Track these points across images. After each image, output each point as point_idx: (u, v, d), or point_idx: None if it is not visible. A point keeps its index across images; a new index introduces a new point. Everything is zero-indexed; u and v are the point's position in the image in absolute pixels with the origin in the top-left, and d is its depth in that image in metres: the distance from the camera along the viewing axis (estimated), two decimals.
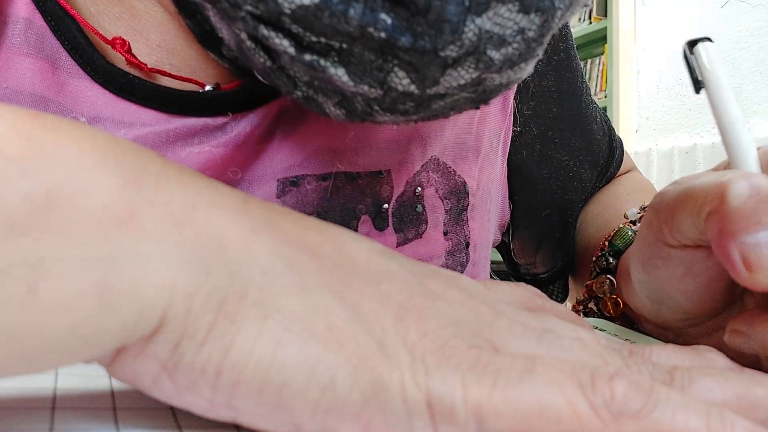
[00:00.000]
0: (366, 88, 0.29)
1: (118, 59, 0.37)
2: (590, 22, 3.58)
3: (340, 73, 0.28)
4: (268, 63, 0.30)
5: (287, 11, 0.26)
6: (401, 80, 0.28)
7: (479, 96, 0.31)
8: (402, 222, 0.43)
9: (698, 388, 0.21)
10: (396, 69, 0.28)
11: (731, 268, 0.25)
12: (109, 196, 0.18)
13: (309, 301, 0.19)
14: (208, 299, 0.18)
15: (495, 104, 0.47)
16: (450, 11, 0.26)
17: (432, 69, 0.28)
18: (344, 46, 0.28)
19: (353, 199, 0.41)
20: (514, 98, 0.48)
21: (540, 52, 0.30)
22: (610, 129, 0.57)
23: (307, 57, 0.28)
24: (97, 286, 0.17)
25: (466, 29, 0.26)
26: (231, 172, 0.38)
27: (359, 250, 0.22)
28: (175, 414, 0.21)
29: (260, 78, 0.33)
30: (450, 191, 0.44)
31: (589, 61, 3.80)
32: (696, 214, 0.27)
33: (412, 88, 0.29)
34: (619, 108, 3.34)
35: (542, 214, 0.52)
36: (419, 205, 0.43)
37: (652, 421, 0.18)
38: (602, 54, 3.64)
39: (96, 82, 0.36)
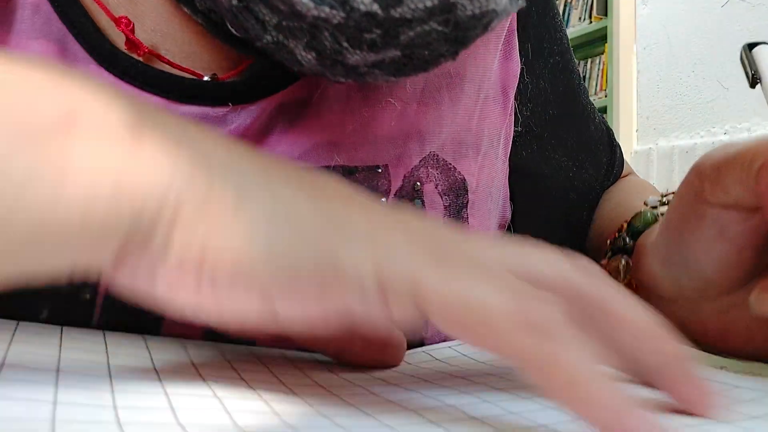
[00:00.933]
0: (327, 9, 0.29)
1: (120, 44, 0.37)
2: (590, 22, 3.58)
3: None
4: (234, 1, 0.31)
5: None
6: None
7: (452, 32, 0.31)
8: None
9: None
10: None
11: None
12: (120, 118, 0.22)
13: (277, 197, 0.23)
14: (194, 200, 0.22)
15: (495, 103, 0.47)
16: None
17: None
18: None
19: None
20: (515, 99, 0.48)
21: None
22: (608, 130, 0.57)
23: None
24: (112, 182, 0.21)
25: None
26: None
27: (329, 180, 0.25)
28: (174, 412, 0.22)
29: (230, 27, 0.33)
30: (449, 187, 0.45)
31: (589, 60, 3.80)
32: (746, 169, 0.28)
33: (375, 7, 0.29)
34: (619, 108, 3.33)
35: (543, 214, 0.53)
36: (418, 200, 0.43)
37: (554, 349, 0.20)
38: (602, 54, 3.64)
39: (101, 66, 0.37)
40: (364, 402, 0.25)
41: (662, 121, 2.64)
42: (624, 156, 0.58)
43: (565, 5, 3.88)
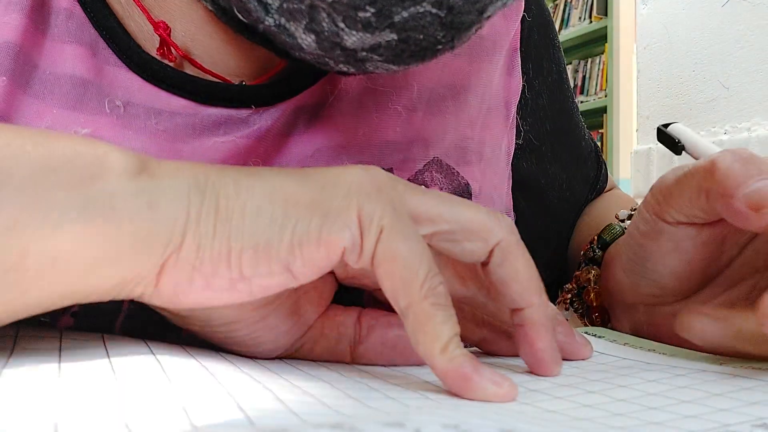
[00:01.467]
0: None
1: (149, 49, 0.39)
2: (590, 21, 3.58)
3: None
4: None
5: None
6: None
7: (447, 16, 0.32)
8: None
9: None
10: None
11: (742, 219, 0.30)
12: (126, 162, 0.26)
13: (268, 185, 0.28)
14: (208, 210, 0.27)
15: (497, 116, 0.49)
16: None
17: None
18: None
19: None
20: (516, 113, 0.51)
21: None
22: (596, 146, 0.61)
23: None
24: (145, 206, 0.26)
25: None
26: (252, 161, 0.40)
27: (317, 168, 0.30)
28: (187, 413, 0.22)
29: (236, 12, 0.35)
30: (453, 191, 0.46)
31: (589, 60, 3.80)
32: (694, 191, 0.32)
33: None
34: (619, 108, 3.33)
35: (541, 224, 0.55)
36: None
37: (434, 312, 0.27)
38: (602, 53, 3.64)
39: (131, 69, 0.39)
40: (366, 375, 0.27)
41: (662, 121, 2.63)
42: (623, 157, 0.61)
43: (565, 5, 3.88)
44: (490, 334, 0.35)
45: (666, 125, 0.41)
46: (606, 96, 3.47)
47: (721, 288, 0.36)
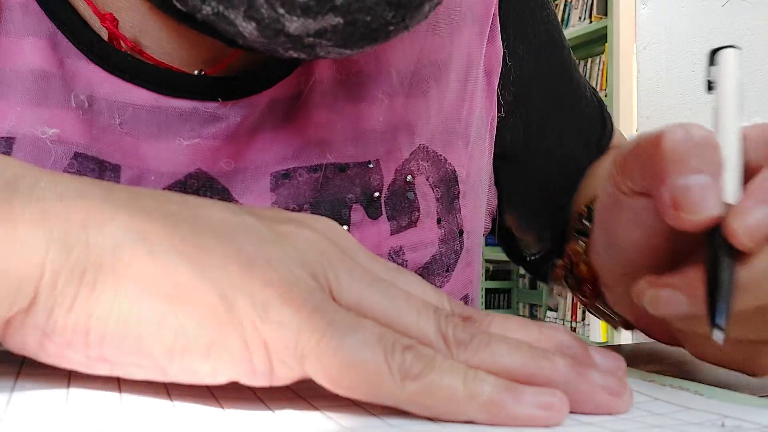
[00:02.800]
0: None
1: (105, 39, 0.38)
2: (590, 21, 3.57)
3: None
4: None
5: None
6: None
7: None
8: (395, 210, 0.43)
9: (491, 352, 0.24)
10: None
11: (660, 207, 0.27)
12: None
13: (157, 265, 0.22)
14: (71, 273, 0.22)
15: (480, 91, 0.47)
16: None
17: None
18: None
19: (343, 190, 0.42)
20: (498, 85, 0.48)
21: None
22: (600, 102, 0.56)
23: None
24: None
25: None
26: (224, 163, 0.39)
27: (213, 211, 0.25)
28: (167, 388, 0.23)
29: (174, 1, 0.33)
30: (440, 179, 0.45)
31: (589, 60, 3.79)
32: (644, 161, 0.29)
33: None
34: (619, 108, 3.33)
35: (527, 197, 0.53)
36: (410, 193, 0.44)
37: (428, 381, 0.22)
38: (602, 54, 3.63)
39: (92, 61, 0.37)
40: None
41: (662, 121, 2.63)
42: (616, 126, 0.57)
43: (565, 5, 3.88)
44: None
45: (718, 49, 0.32)
46: (606, 96, 3.47)
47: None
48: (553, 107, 0.52)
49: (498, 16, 0.48)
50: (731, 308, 0.26)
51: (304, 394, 0.26)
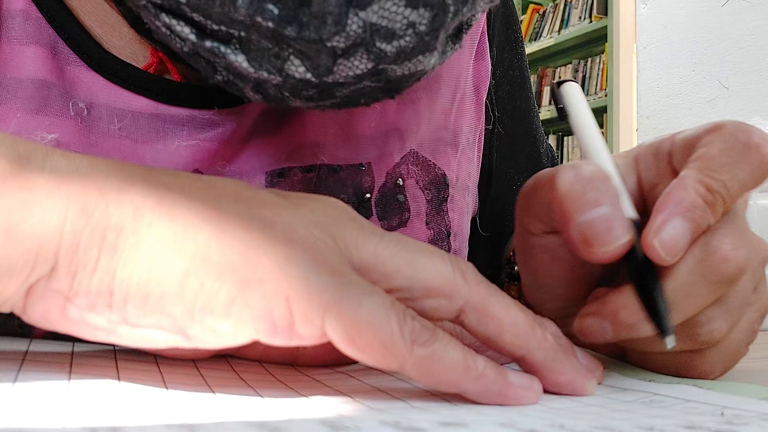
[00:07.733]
0: (265, 74, 0.31)
1: (112, 46, 0.39)
2: (590, 21, 3.58)
3: (240, 60, 0.31)
4: (185, 48, 0.32)
5: (183, 0, 0.29)
6: (297, 68, 0.31)
7: (387, 85, 0.33)
8: (385, 211, 0.45)
9: (502, 302, 0.26)
10: (292, 57, 0.30)
11: (573, 246, 0.28)
12: (6, 164, 0.22)
13: (178, 225, 0.23)
14: (92, 236, 0.22)
15: (469, 102, 0.49)
16: (331, 3, 0.28)
17: (323, 58, 0.30)
18: (242, 34, 0.30)
19: (336, 190, 0.43)
20: (486, 99, 0.50)
21: (439, 46, 0.32)
22: (554, 158, 0.58)
23: (208, 44, 0.31)
24: (2, 228, 0.21)
25: (350, 21, 0.29)
26: (219, 165, 0.40)
27: (228, 183, 0.26)
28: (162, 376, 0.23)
29: (189, 62, 0.34)
30: (430, 182, 0.46)
31: (589, 60, 3.80)
32: (544, 202, 0.30)
33: (308, 76, 0.31)
34: (619, 107, 3.33)
35: (496, 210, 0.54)
36: (401, 195, 0.45)
37: (434, 349, 0.23)
38: (602, 53, 3.64)
39: (91, 68, 0.38)
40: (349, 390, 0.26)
41: (662, 121, 2.63)
42: None
43: (565, 5, 3.88)
44: None
45: (561, 83, 0.35)
46: (606, 96, 3.47)
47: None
48: (516, 140, 0.54)
49: (487, 35, 0.50)
50: (672, 318, 0.27)
51: (298, 386, 0.26)
